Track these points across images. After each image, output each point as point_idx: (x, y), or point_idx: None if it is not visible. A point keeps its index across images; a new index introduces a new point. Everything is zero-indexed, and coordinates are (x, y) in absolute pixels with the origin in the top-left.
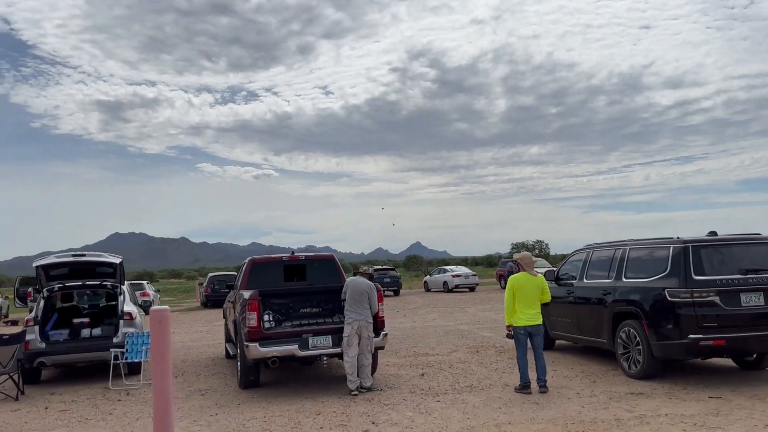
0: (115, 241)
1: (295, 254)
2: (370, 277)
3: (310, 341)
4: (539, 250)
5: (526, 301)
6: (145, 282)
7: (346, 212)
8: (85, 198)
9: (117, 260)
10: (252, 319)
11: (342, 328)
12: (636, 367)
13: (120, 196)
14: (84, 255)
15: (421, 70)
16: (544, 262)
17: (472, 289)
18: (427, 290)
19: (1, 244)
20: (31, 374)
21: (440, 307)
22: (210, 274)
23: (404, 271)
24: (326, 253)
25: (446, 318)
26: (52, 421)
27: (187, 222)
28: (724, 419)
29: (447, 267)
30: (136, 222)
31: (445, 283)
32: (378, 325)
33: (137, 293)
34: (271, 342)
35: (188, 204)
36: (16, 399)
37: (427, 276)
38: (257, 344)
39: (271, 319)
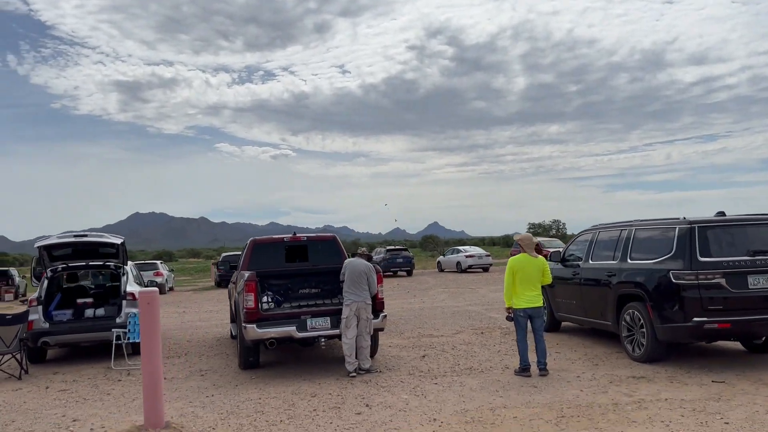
0: (135, 221)
1: (297, 235)
2: (369, 258)
3: (309, 323)
4: (556, 230)
5: (526, 282)
6: (158, 262)
7: (363, 192)
8: (105, 178)
9: (119, 241)
10: (249, 300)
11: (341, 309)
12: (640, 350)
13: (140, 176)
14: (86, 235)
15: (438, 47)
16: (558, 242)
17: (485, 269)
18: (441, 270)
19: (23, 223)
20: (36, 354)
21: (451, 287)
22: (224, 254)
23: (420, 251)
24: (328, 234)
25: (456, 299)
26: (50, 401)
27: (207, 202)
28: (725, 404)
29: (460, 247)
30: (156, 202)
31: (458, 263)
32: (377, 306)
33: (151, 273)
34: (269, 323)
35: (207, 184)
36: (19, 378)
37: (441, 256)
38: (255, 325)
39: (270, 300)
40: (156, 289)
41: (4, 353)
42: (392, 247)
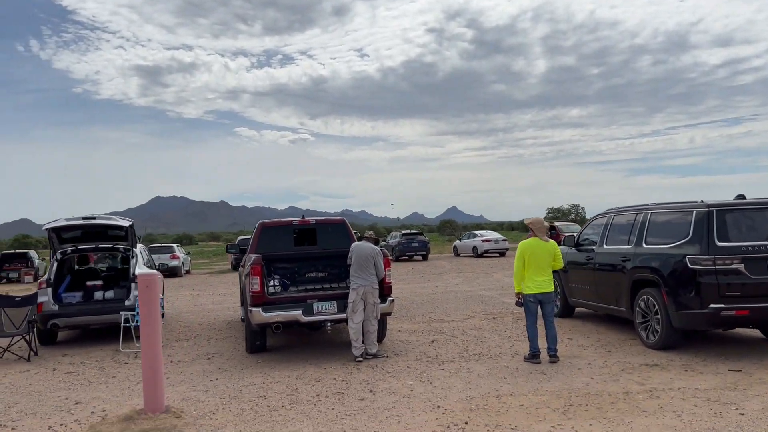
0: (156, 205)
1: (306, 218)
2: (376, 242)
3: (315, 307)
4: (575, 214)
5: (536, 267)
6: (175, 245)
7: (381, 176)
8: (126, 162)
9: (127, 223)
10: (255, 283)
11: (348, 293)
12: (654, 337)
13: (160, 160)
14: (94, 218)
15: (458, 30)
16: (576, 227)
17: (502, 254)
18: (457, 255)
19: (47, 207)
20: (47, 335)
21: (466, 272)
22: (239, 238)
23: (437, 235)
24: (337, 218)
25: (470, 283)
26: (56, 383)
27: (227, 186)
28: (741, 394)
29: (477, 232)
30: (176, 185)
31: (474, 248)
32: (384, 290)
33: (167, 256)
34: (275, 307)
35: (227, 168)
36: (28, 360)
37: (457, 241)
38: (260, 309)
39: (276, 283)
40: (156, 272)
41: (14, 335)
42: (408, 232)
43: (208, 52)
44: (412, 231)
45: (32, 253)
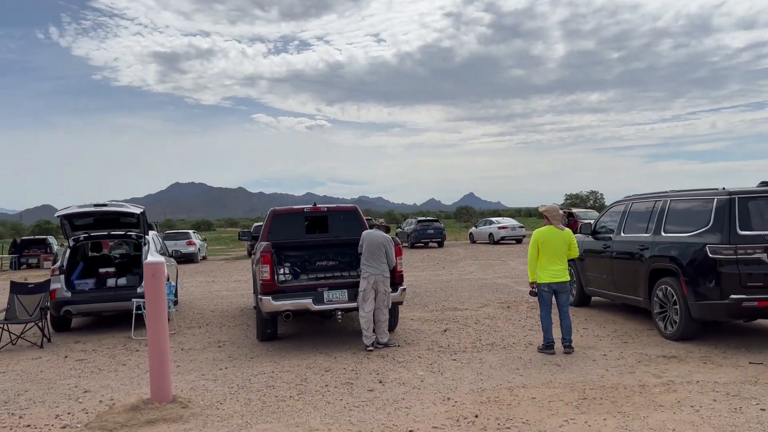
0: (175, 191)
1: (317, 205)
2: (387, 230)
3: (325, 295)
4: (593, 201)
5: (551, 256)
6: (191, 231)
7: (398, 163)
8: (146, 149)
9: (138, 210)
10: (265, 271)
11: (359, 282)
12: (672, 327)
13: (179, 146)
14: (105, 205)
15: (475, 14)
16: (594, 213)
17: (518, 241)
18: (473, 242)
19: (68, 193)
20: (60, 322)
21: (482, 259)
22: (255, 225)
23: (454, 222)
24: (349, 205)
25: (485, 271)
26: (67, 371)
27: (245, 172)
28: (762, 388)
29: (493, 218)
30: (195, 172)
31: (490, 234)
32: (396, 279)
33: (184, 242)
34: (285, 295)
35: (245, 154)
36: (41, 347)
37: (473, 228)
38: (270, 297)
39: (287, 272)
40: (162, 260)
41: (27, 322)
42: (423, 218)
43: (225, 38)
44: (428, 218)
45: (51, 240)
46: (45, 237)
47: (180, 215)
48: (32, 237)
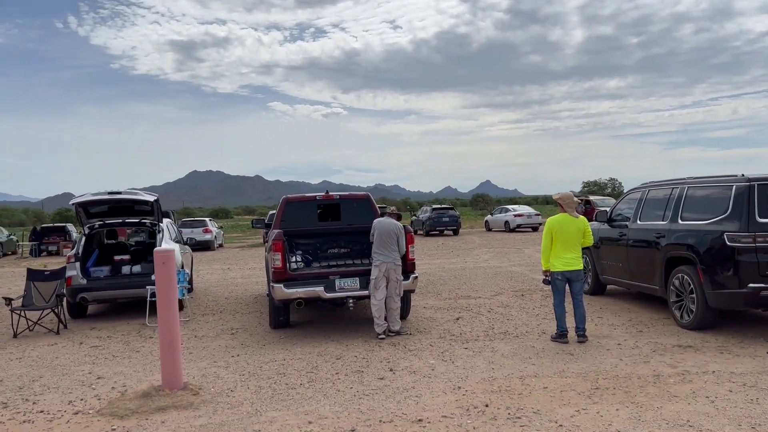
0: (193, 179)
1: (330, 193)
2: (398, 218)
3: (337, 283)
4: (612, 188)
5: (565, 244)
6: (207, 219)
7: (414, 150)
8: (164, 137)
9: (152, 198)
10: (277, 259)
11: (370, 269)
12: (689, 316)
13: (197, 135)
14: (119, 193)
15: (492, 0)
16: (612, 201)
17: (534, 228)
18: (488, 230)
19: (87, 181)
20: (77, 309)
21: (497, 247)
22: (270, 212)
23: (470, 210)
24: (362, 193)
25: (500, 259)
26: (81, 357)
27: (261, 160)
28: None
29: (509, 206)
30: (212, 160)
31: (506, 222)
32: (408, 267)
33: (200, 230)
34: (297, 283)
35: (262, 143)
36: (57, 333)
37: (489, 215)
38: (282, 285)
39: (299, 259)
40: (172, 248)
41: (43, 308)
42: (438, 206)
43: (241, 26)
44: (443, 206)
45: (70, 227)
46: (64, 224)
47: (198, 203)
48: (52, 225)
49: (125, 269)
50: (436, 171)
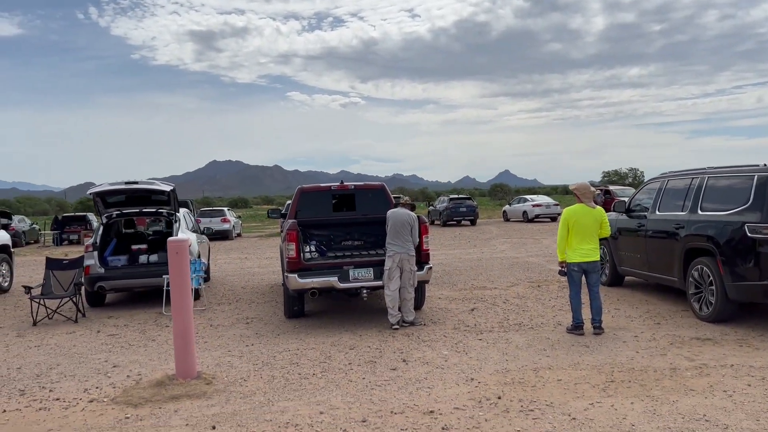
0: (213, 169)
1: (345, 183)
2: (412, 208)
3: (351, 273)
4: (633, 178)
5: (582, 235)
6: (225, 208)
7: (432, 140)
8: (183, 127)
9: (168, 188)
10: (291, 249)
11: (384, 260)
12: (708, 309)
13: (216, 124)
14: (136, 183)
15: None
16: (632, 191)
17: (553, 219)
18: (506, 220)
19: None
20: (95, 298)
21: (514, 237)
22: (288, 202)
23: (489, 200)
24: (376, 183)
25: (517, 249)
26: (98, 345)
27: (280, 150)
28: None
29: (527, 196)
30: (232, 150)
31: (524, 212)
32: (422, 258)
33: (218, 219)
34: (311, 273)
35: (280, 132)
36: (75, 321)
37: (507, 205)
38: (296, 275)
39: (313, 249)
40: (186, 238)
41: (62, 297)
42: (455, 196)
43: (260, 15)
44: (460, 195)
45: (91, 216)
46: (85, 214)
47: (217, 193)
48: (73, 214)
49: (142, 258)
50: (454, 161)
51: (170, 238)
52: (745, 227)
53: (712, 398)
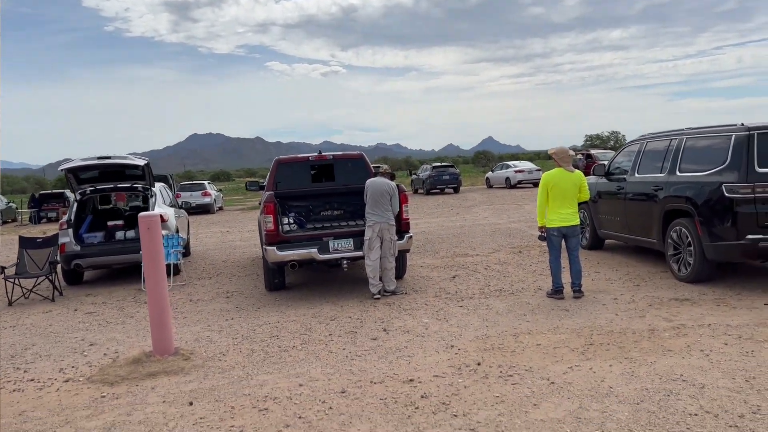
0: (194, 142)
1: (323, 153)
2: (392, 177)
3: (331, 244)
4: (614, 141)
5: (561, 199)
6: (206, 182)
7: (415, 108)
8: (162, 100)
9: (142, 162)
10: (269, 222)
11: (364, 230)
12: (686, 269)
13: (195, 97)
14: (109, 157)
15: None
16: (613, 154)
17: (536, 184)
18: (489, 187)
19: (87, 146)
20: (72, 276)
21: (497, 204)
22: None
23: (472, 167)
24: (355, 152)
25: (499, 215)
26: (76, 324)
27: (261, 122)
28: None
29: (510, 162)
30: (212, 122)
31: (507, 179)
32: (402, 227)
33: (199, 193)
34: (290, 245)
35: (260, 104)
36: (52, 300)
37: (489, 172)
38: (275, 248)
39: (292, 221)
40: (157, 213)
41: (37, 276)
42: (438, 164)
43: None
44: (443, 163)
45: (68, 193)
46: (63, 191)
47: (199, 166)
48: (51, 191)
49: (119, 235)
50: (438, 129)
51: (141, 213)
52: (723, 187)
53: (689, 358)
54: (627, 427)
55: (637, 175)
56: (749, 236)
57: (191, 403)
